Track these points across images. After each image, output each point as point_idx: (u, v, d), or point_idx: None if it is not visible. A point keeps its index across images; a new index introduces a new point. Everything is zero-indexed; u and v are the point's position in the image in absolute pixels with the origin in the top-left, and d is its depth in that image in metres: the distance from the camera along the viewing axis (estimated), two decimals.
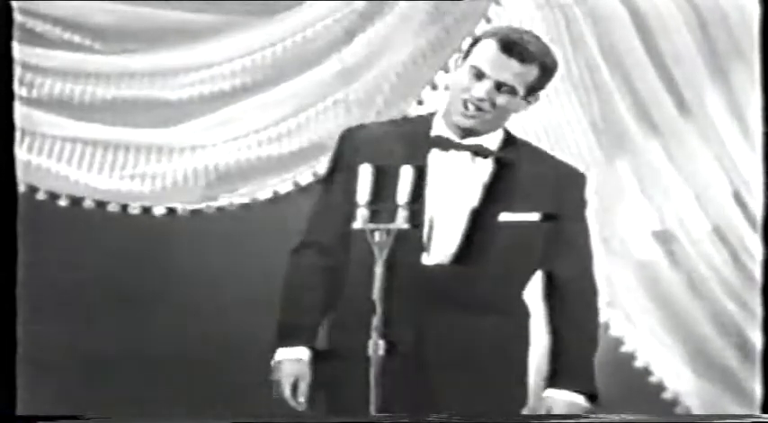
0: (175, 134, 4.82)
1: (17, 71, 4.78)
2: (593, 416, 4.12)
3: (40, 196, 4.75)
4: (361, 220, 3.45)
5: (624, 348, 4.86)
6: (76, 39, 4.75)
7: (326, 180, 3.89)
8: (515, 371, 3.73)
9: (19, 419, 4.72)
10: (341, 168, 3.79)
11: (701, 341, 4.89)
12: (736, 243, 4.88)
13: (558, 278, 3.78)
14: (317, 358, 3.76)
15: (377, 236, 3.43)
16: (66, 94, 4.79)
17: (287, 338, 3.71)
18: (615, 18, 4.90)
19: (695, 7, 4.87)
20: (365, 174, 3.51)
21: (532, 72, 3.63)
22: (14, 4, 4.79)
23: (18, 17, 4.77)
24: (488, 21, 4.79)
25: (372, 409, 3.48)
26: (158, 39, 4.79)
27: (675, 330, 4.92)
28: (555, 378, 3.70)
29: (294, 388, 3.69)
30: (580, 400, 3.66)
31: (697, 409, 4.88)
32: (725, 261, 4.87)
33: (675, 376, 4.88)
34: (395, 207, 3.53)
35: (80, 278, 4.84)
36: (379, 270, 3.43)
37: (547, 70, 3.67)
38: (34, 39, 4.74)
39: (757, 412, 4.75)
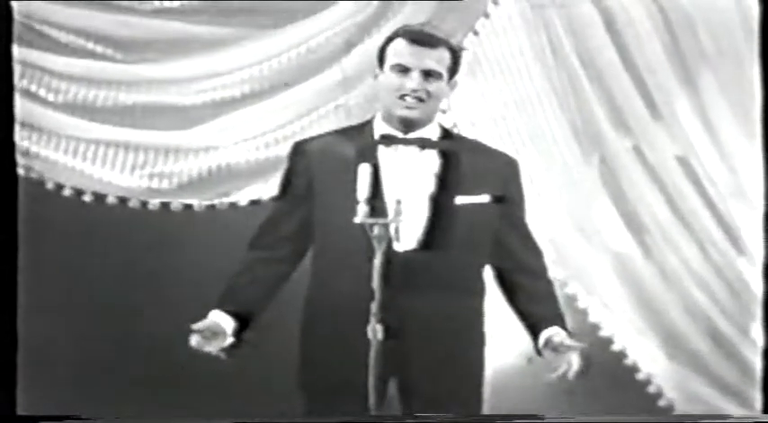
0: (190, 136, 5.05)
1: (45, 78, 4.96)
2: (593, 417, 4.47)
3: (67, 192, 4.96)
4: (361, 215, 3.55)
5: (602, 333, 5.07)
6: (99, 49, 4.97)
7: (281, 189, 4.00)
8: (477, 342, 3.88)
9: (19, 419, 4.80)
10: (293, 178, 3.94)
11: (673, 327, 5.10)
12: (703, 236, 5.11)
13: (513, 250, 3.91)
14: (242, 327, 3.85)
15: (375, 229, 3.52)
16: (90, 100, 5.00)
17: (220, 305, 3.83)
18: (595, 35, 5.07)
19: (666, 18, 5.06)
20: (364, 173, 3.61)
21: (445, 55, 3.79)
22: (39, 14, 4.93)
23: (43, 28, 4.95)
24: (476, 34, 5.02)
25: (371, 384, 3.50)
26: (174, 50, 5.00)
27: (649, 317, 5.12)
28: (545, 322, 3.83)
29: (207, 340, 3.78)
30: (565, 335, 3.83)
31: (669, 389, 5.08)
32: (694, 253, 5.09)
33: (649, 359, 5.09)
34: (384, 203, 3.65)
35: (103, 268, 5.00)
36: (377, 261, 3.52)
37: (455, 53, 3.84)
38: (60, 48, 4.95)
39: (751, 414, 4.92)
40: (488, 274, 3.95)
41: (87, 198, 5.00)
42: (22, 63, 4.96)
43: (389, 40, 3.84)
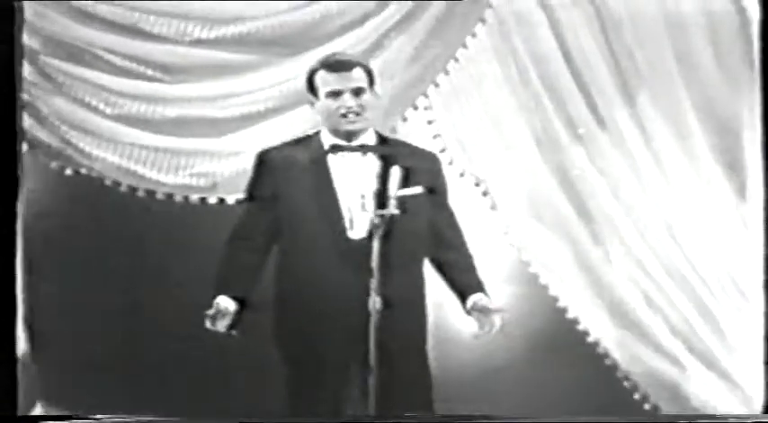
0: (222, 143, 5.27)
1: (103, 94, 5.17)
2: (580, 417, 4.80)
3: (123, 189, 5.21)
4: (371, 208, 3.98)
5: (559, 304, 5.32)
6: (148, 72, 5.19)
7: (248, 192, 4.23)
8: (421, 303, 4.18)
9: (19, 419, 4.80)
10: (258, 183, 4.19)
11: (617, 299, 5.32)
12: (641, 225, 5.31)
13: (440, 230, 4.18)
14: (242, 307, 4.07)
15: (376, 220, 3.92)
16: (140, 113, 5.22)
17: (220, 291, 4.10)
18: (554, 60, 5.29)
19: (610, 48, 5.27)
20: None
21: (362, 73, 4.09)
22: (99, 43, 5.15)
23: (103, 53, 5.16)
24: (456, 60, 5.23)
25: (371, 343, 3.86)
26: (208, 73, 5.23)
27: (598, 291, 5.34)
28: (470, 289, 4.13)
29: (217, 321, 4.03)
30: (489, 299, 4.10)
31: (614, 350, 5.30)
32: (634, 239, 5.30)
33: (598, 326, 5.33)
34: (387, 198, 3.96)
35: (152, 253, 5.21)
36: (375, 245, 3.87)
37: (368, 70, 4.13)
38: (115, 70, 5.18)
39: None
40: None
41: (140, 193, 5.20)
42: (84, 81, 5.17)
43: (313, 72, 4.12)
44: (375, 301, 3.84)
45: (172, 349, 5.08)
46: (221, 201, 5.28)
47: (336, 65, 4.10)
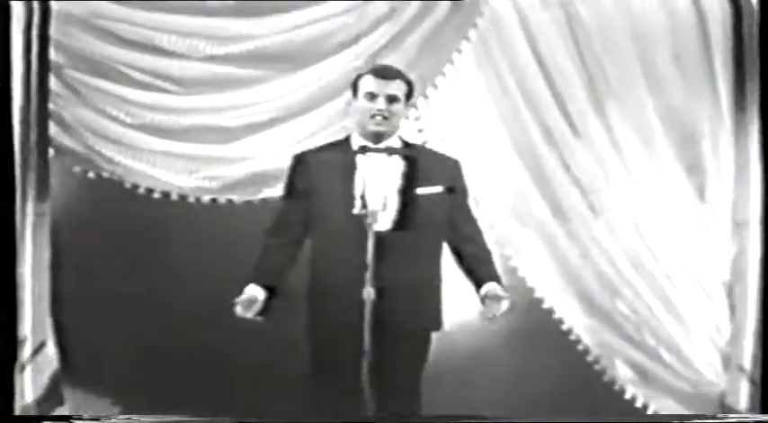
0: (231, 150, 5.41)
1: (124, 106, 5.30)
2: (573, 418, 4.93)
3: (141, 191, 5.38)
4: (357, 207, 4.01)
5: (536, 294, 5.56)
6: (165, 85, 5.35)
7: (287, 188, 4.29)
8: (436, 291, 4.26)
9: (19, 419, 4.77)
10: (295, 181, 4.26)
11: (588, 291, 5.55)
12: (611, 224, 5.49)
13: (460, 226, 4.28)
14: (271, 295, 4.11)
15: (368, 218, 3.99)
16: (157, 122, 5.36)
17: (253, 280, 4.17)
18: (531, 76, 5.45)
19: (583, 62, 5.42)
20: (359, 178, 4.08)
21: (402, 85, 4.20)
22: (120, 58, 5.26)
23: (125, 69, 5.30)
24: (444, 75, 5.41)
25: (366, 327, 3.91)
26: (219, 86, 5.37)
27: (571, 284, 5.55)
28: (485, 279, 4.19)
29: (247, 308, 4.07)
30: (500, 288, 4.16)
31: (585, 336, 5.51)
32: (603, 235, 5.51)
33: (571, 315, 5.58)
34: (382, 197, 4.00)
35: (168, 248, 5.42)
36: (370, 241, 3.95)
37: (410, 83, 4.24)
38: (135, 84, 5.34)
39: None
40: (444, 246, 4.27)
41: (156, 195, 5.36)
42: (106, 93, 5.31)
43: (359, 76, 4.24)
44: (369, 292, 3.93)
45: (182, 335, 5.28)
46: (230, 201, 5.43)
47: (381, 72, 4.23)
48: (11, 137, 5.02)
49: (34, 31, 5.16)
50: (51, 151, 5.29)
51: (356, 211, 3.96)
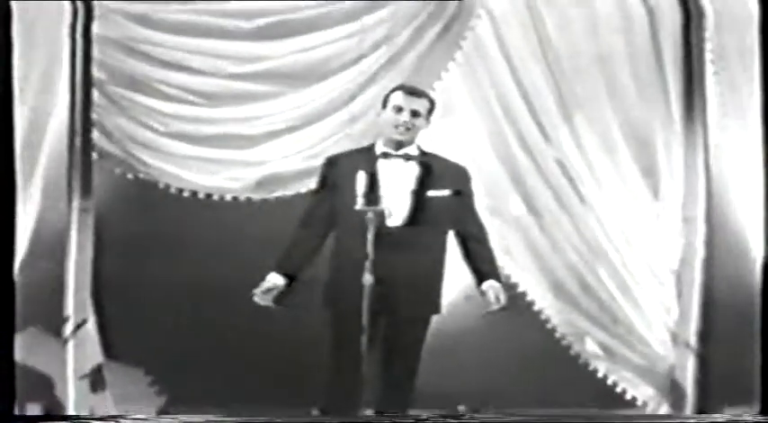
0: (251, 154, 5.72)
1: (158, 116, 5.57)
2: (573, 409, 5.25)
3: (172, 190, 5.72)
4: (360, 204, 4.23)
5: (511, 281, 5.76)
6: (193, 98, 5.68)
7: (318, 185, 4.55)
8: (438, 281, 4.50)
9: (18, 419, 4.87)
10: (326, 180, 4.50)
11: (558, 278, 5.87)
12: (577, 219, 5.82)
13: (466, 228, 4.49)
14: (291, 283, 4.30)
15: (370, 214, 4.24)
16: (187, 131, 5.68)
17: (276, 269, 4.38)
18: (507, 87, 5.76)
19: (554, 77, 5.68)
20: (361, 177, 4.28)
21: (426, 103, 4.48)
22: (154, 76, 5.53)
23: (158, 85, 5.59)
24: (433, 90, 5.55)
25: (364, 308, 4.11)
26: (241, 99, 5.67)
27: (542, 271, 5.86)
28: (486, 276, 4.43)
29: (267, 294, 4.26)
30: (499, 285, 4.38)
31: (554, 317, 5.80)
32: (571, 231, 5.84)
33: (541, 298, 5.90)
34: (379, 196, 4.32)
35: (197, 243, 5.68)
36: (370, 235, 4.19)
37: (432, 102, 4.50)
38: (167, 97, 5.66)
39: None
40: (452, 243, 4.50)
41: (186, 193, 5.68)
42: (142, 105, 5.61)
43: (391, 91, 4.48)
44: (368, 279, 4.17)
45: (208, 317, 5.57)
46: (249, 199, 5.75)
47: (410, 90, 4.48)
48: (11, 137, 5.26)
49: (78, 54, 5.57)
50: (95, 155, 5.62)
51: (358, 206, 4.19)
